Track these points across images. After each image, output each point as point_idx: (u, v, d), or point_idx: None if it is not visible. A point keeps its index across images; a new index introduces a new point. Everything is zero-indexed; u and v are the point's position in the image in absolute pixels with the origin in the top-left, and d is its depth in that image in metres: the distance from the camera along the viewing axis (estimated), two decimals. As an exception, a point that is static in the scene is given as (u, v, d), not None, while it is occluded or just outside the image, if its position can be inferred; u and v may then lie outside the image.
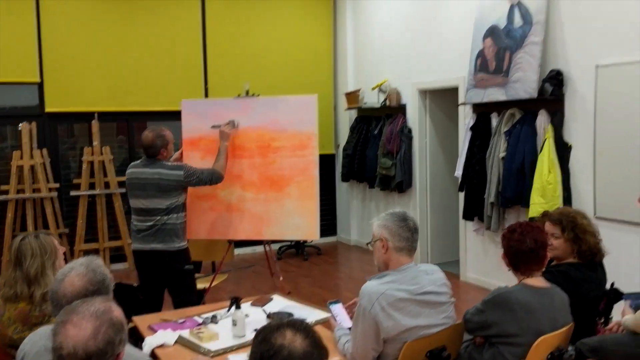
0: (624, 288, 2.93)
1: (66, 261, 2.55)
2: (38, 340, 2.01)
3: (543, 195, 4.88)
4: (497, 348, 2.43)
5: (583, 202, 4.81)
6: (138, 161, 4.11)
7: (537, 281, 2.48)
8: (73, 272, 2.00)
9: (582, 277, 2.83)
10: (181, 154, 4.50)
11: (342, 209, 8.11)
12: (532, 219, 4.56)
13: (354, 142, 7.36)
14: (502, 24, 5.39)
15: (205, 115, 4.41)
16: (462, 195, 5.92)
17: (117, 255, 6.92)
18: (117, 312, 1.65)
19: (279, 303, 3.26)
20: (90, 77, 6.69)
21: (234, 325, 2.77)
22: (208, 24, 7.23)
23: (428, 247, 6.79)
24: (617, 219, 4.56)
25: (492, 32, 5.51)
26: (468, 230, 6.02)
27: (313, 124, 4.34)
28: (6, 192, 6.27)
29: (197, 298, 4.23)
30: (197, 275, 4.50)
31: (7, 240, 6.22)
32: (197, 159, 4.34)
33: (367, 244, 2.56)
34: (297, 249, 7.43)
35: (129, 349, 1.89)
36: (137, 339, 2.92)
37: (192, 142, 4.43)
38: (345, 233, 8.06)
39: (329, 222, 8.14)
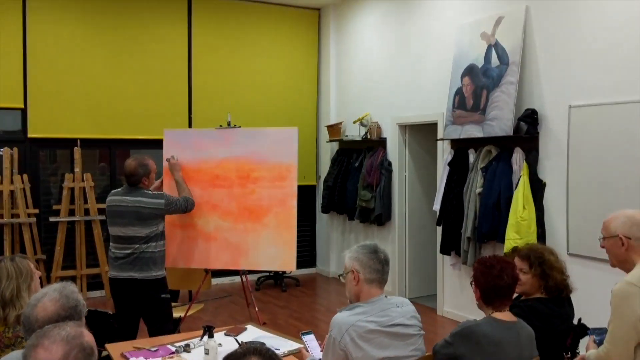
0: (595, 323, 2.99)
1: (42, 287, 2.57)
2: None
3: (518, 231, 4.97)
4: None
5: (556, 238, 4.91)
6: (119, 189, 4.15)
7: (505, 315, 2.54)
8: (46, 298, 2.03)
9: (550, 312, 2.89)
10: (161, 182, 4.55)
11: (321, 240, 8.15)
12: (505, 254, 4.63)
13: (334, 174, 7.45)
14: (480, 63, 5.55)
15: (187, 145, 4.48)
16: (440, 229, 6.00)
17: (94, 283, 6.88)
18: (88, 337, 1.68)
19: (253, 333, 3.28)
20: (74, 104, 6.74)
21: (206, 354, 2.79)
22: (194, 55, 7.35)
23: (406, 280, 6.84)
24: (589, 256, 4.65)
25: (470, 70, 5.67)
26: (445, 265, 6.09)
27: (293, 156, 4.42)
28: (-16, 217, 6.24)
29: (173, 327, 4.23)
30: (173, 304, 4.50)
31: (-17, 265, 6.16)
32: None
33: (339, 275, 2.61)
34: (275, 280, 7.43)
35: None
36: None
37: (165, 171, 4.48)
38: (324, 265, 8.09)
39: (308, 254, 8.17)
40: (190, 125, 7.25)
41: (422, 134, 6.72)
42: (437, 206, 6.02)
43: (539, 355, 2.61)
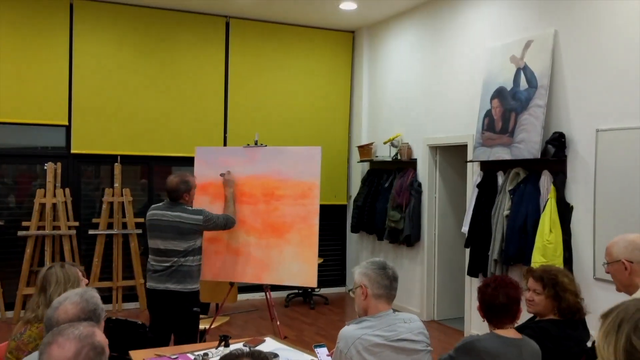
0: None
1: None
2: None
3: (544, 255, 4.95)
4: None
5: (583, 262, 4.87)
6: (161, 203, 4.32)
7: (509, 332, 2.58)
8: (68, 301, 2.18)
9: (562, 334, 2.90)
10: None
11: (351, 259, 8.21)
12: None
13: (364, 194, 7.52)
14: (509, 86, 5.58)
15: (215, 163, 4.65)
16: (467, 251, 6.01)
17: (130, 295, 7.10)
18: (100, 337, 1.81)
19: (270, 345, 3.38)
20: (115, 122, 7.03)
21: (222, 363, 2.89)
22: (231, 75, 7.58)
23: (434, 302, 6.83)
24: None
25: (499, 93, 5.70)
26: (473, 287, 6.06)
27: (316, 174, 4.54)
28: (27, 228, 6.54)
29: (198, 339, 4.36)
30: (203, 316, 4.65)
31: (24, 275, 6.46)
32: (206, 203, 4.55)
33: (349, 290, 2.70)
34: (304, 297, 7.52)
35: None
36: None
37: (202, 187, 4.65)
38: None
39: (338, 272, 8.24)
40: (225, 144, 7.46)
41: (452, 155, 6.75)
42: (465, 228, 6.02)
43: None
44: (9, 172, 6.92)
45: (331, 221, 8.14)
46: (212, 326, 4.80)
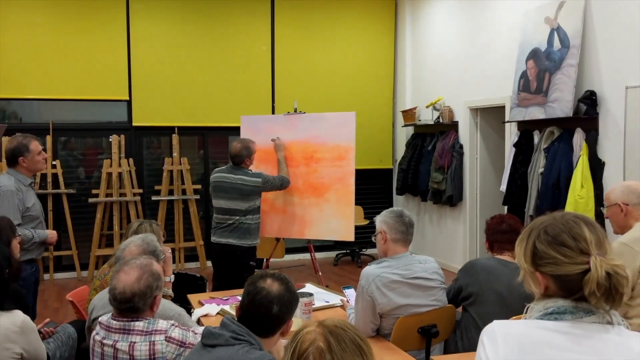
0: None
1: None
2: (104, 296, 2.65)
3: (576, 209, 5.14)
4: (467, 311, 2.90)
5: (615, 216, 5.04)
6: (224, 167, 4.79)
7: (505, 257, 2.96)
8: (132, 244, 2.64)
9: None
10: None
11: (398, 220, 8.52)
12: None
13: (408, 157, 7.80)
14: (543, 46, 5.72)
15: (259, 130, 5.07)
16: (505, 208, 6.23)
17: (191, 255, 7.69)
18: (157, 266, 2.26)
19: (309, 288, 3.80)
20: (172, 96, 7.54)
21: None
22: (277, 48, 7.94)
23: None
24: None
25: (534, 54, 5.85)
26: (512, 243, 6.30)
27: (351, 138, 4.89)
28: (97, 196, 7.18)
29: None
30: (256, 270, 5.14)
31: (96, 238, 7.13)
32: (252, 168, 4.98)
33: (372, 236, 3.06)
34: (352, 257, 7.93)
35: (166, 303, 2.50)
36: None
37: (261, 151, 5.06)
38: (401, 244, 8.47)
39: (386, 233, 8.59)
40: (273, 112, 7.87)
41: (492, 116, 6.93)
42: (503, 187, 6.24)
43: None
44: (79, 146, 7.57)
45: (378, 185, 8.48)
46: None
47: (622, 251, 2.71)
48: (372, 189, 8.40)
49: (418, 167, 7.62)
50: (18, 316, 2.35)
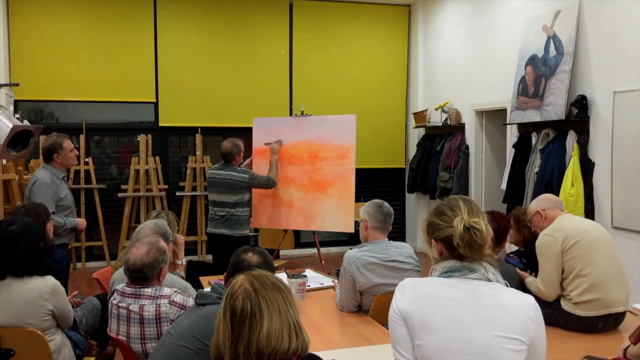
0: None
1: None
2: (122, 271, 3.13)
3: (565, 207, 5.43)
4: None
5: (603, 213, 5.36)
6: (217, 164, 5.28)
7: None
8: (146, 227, 3.12)
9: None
10: (251, 160, 5.63)
11: (409, 218, 8.93)
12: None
13: (418, 157, 8.18)
14: (541, 53, 6.05)
15: (270, 131, 5.53)
16: (505, 206, 6.57)
17: (211, 248, 8.18)
18: (163, 244, 2.73)
19: (308, 273, 4.23)
20: (196, 98, 8.06)
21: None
22: (295, 53, 8.40)
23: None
24: (632, 229, 5.08)
25: (532, 60, 6.18)
26: (512, 239, 6.64)
27: (352, 138, 5.31)
28: (125, 191, 7.74)
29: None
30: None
31: (124, 230, 7.68)
32: (263, 165, 5.46)
33: (356, 223, 3.48)
34: (364, 251, 8.33)
35: (175, 278, 2.96)
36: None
37: (259, 152, 5.58)
38: (412, 240, 8.86)
39: (398, 231, 8.98)
40: (290, 114, 8.32)
41: (496, 119, 7.27)
42: (504, 185, 6.59)
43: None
44: (111, 144, 8.14)
45: (391, 183, 8.88)
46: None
47: (546, 240, 3.17)
48: (385, 187, 8.81)
49: (427, 166, 7.99)
50: (50, 280, 2.85)
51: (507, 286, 1.78)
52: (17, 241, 2.85)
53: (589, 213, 5.46)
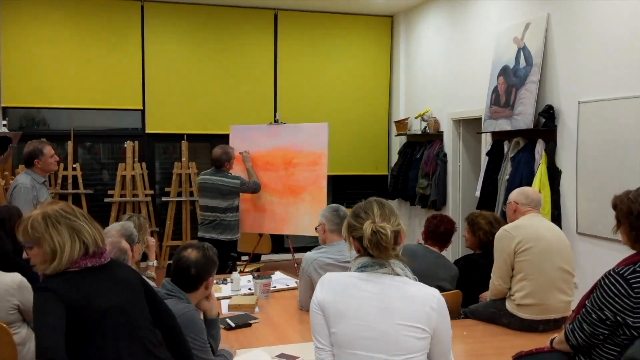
0: None
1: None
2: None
3: (533, 213, 5.65)
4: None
5: (569, 220, 5.54)
6: (208, 170, 5.48)
7: (434, 248, 3.54)
8: (113, 229, 3.29)
9: (487, 263, 3.75)
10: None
11: (392, 224, 9.08)
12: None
13: (399, 164, 8.37)
14: (512, 64, 6.25)
15: (246, 138, 5.74)
16: (480, 212, 6.75)
17: (197, 252, 8.33)
18: (125, 244, 2.91)
19: (277, 275, 4.42)
20: (182, 106, 8.25)
21: (232, 282, 3.96)
22: (280, 62, 8.59)
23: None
24: (596, 235, 5.25)
25: (504, 71, 6.38)
26: (486, 244, 6.81)
27: (324, 145, 5.50)
28: (112, 196, 7.91)
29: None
30: (239, 262, 5.78)
31: (111, 234, 7.84)
32: (240, 171, 5.64)
33: (316, 228, 3.66)
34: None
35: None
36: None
37: (237, 158, 5.75)
38: (394, 246, 9.01)
39: (381, 236, 9.13)
40: (276, 121, 8.50)
41: (472, 127, 7.46)
42: (478, 192, 6.77)
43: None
44: (100, 151, 8.33)
45: (374, 190, 9.05)
46: (245, 270, 5.93)
47: (502, 235, 3.34)
48: (368, 193, 8.88)
49: (407, 173, 8.17)
50: (17, 276, 3.03)
51: (416, 280, 1.96)
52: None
53: (556, 219, 5.63)
